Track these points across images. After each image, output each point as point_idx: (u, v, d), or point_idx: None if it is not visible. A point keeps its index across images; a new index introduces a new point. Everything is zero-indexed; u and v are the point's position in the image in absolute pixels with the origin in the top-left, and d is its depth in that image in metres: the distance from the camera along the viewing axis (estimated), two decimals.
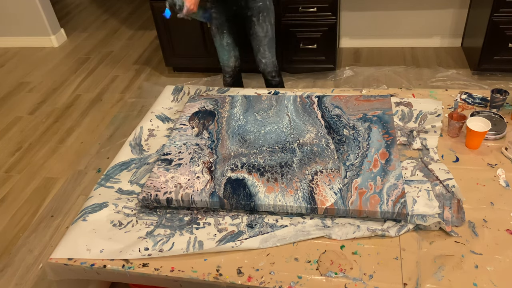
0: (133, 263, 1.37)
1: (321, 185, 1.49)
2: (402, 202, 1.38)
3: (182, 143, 1.76)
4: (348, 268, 1.28)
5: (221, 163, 1.63)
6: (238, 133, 1.79)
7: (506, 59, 2.73)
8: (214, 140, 1.77)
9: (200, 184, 1.55)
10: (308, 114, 1.85)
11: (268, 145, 1.70)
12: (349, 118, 1.79)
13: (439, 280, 1.22)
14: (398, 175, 1.49)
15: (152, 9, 2.99)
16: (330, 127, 1.76)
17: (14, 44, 4.12)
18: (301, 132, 1.75)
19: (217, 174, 1.59)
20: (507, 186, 1.49)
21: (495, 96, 1.79)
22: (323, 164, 1.58)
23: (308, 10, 2.80)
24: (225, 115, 1.91)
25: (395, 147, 1.61)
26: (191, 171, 1.62)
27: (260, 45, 2.28)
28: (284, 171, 1.56)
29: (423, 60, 3.17)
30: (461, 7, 3.08)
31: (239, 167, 1.60)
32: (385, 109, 1.82)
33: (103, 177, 1.71)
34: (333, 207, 1.40)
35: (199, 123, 1.88)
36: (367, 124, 1.75)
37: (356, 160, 1.58)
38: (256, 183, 1.53)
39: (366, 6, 3.20)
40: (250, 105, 1.96)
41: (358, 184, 1.47)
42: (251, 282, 1.27)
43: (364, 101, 1.89)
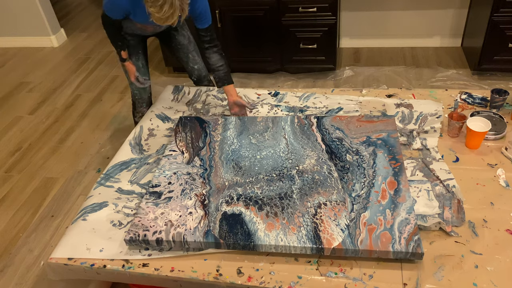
0: (133, 263, 1.37)
1: (326, 220, 1.36)
2: (416, 240, 1.26)
3: (172, 173, 1.61)
4: (348, 268, 1.28)
5: (215, 195, 1.49)
6: (232, 159, 1.64)
7: (506, 59, 2.73)
8: (206, 168, 1.62)
9: (193, 221, 1.41)
10: (307, 137, 1.71)
11: (265, 172, 1.56)
12: (351, 142, 1.66)
13: (439, 280, 1.22)
14: (409, 208, 1.36)
15: None
16: (331, 152, 1.62)
17: (14, 44, 4.12)
18: (300, 158, 1.61)
19: (211, 208, 1.44)
20: (507, 186, 1.49)
21: (495, 96, 1.79)
22: (326, 195, 1.44)
23: (308, 10, 2.80)
24: (218, 138, 1.76)
25: (404, 175, 1.48)
26: (183, 205, 1.47)
27: (188, 52, 2.18)
28: (284, 204, 1.43)
29: (423, 60, 3.17)
30: (461, 7, 3.08)
31: (235, 200, 1.46)
32: (390, 131, 1.69)
33: (103, 176, 1.71)
34: (341, 247, 1.27)
35: (189, 147, 1.74)
36: (371, 149, 1.61)
37: (363, 190, 1.44)
38: (254, 218, 1.39)
39: (366, 6, 3.20)
40: (245, 127, 1.81)
41: (367, 219, 1.34)
42: (251, 282, 1.27)
43: (367, 122, 1.75)
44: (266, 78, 3.18)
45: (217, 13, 2.89)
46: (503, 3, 2.54)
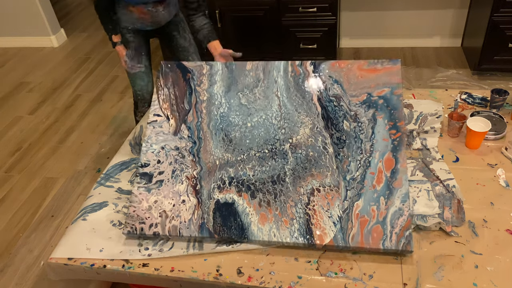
0: (133, 263, 1.37)
1: (318, 211, 1.36)
2: (407, 237, 1.27)
3: (159, 147, 1.56)
4: (348, 268, 1.28)
5: (206, 178, 1.47)
6: (222, 128, 1.56)
7: (506, 59, 2.73)
8: (195, 140, 1.56)
9: (187, 211, 1.41)
10: (301, 95, 1.57)
11: (256, 147, 1.51)
12: (350, 102, 1.53)
13: (439, 280, 1.22)
14: (404, 195, 1.34)
15: None
16: (328, 117, 1.52)
17: (14, 44, 4.12)
18: (294, 126, 1.53)
19: (203, 196, 1.44)
20: (507, 186, 1.49)
21: (495, 96, 1.79)
22: (320, 177, 1.42)
23: (308, 10, 2.80)
24: (204, 97, 1.63)
25: (403, 149, 1.42)
26: (175, 192, 1.46)
27: (188, 55, 2.22)
28: (277, 190, 1.42)
29: (423, 60, 3.17)
30: (461, 7, 3.08)
31: (227, 184, 1.45)
32: (394, 85, 1.52)
33: (103, 176, 1.71)
34: (333, 244, 1.31)
35: (174, 110, 1.63)
36: (371, 112, 1.50)
37: (358, 172, 1.41)
38: (247, 209, 1.40)
39: (366, 6, 3.20)
40: (233, 79, 1.65)
41: (360, 210, 1.34)
42: (251, 282, 1.27)
43: (369, 71, 1.57)
44: None
45: (217, 13, 2.89)
46: (503, 3, 2.54)
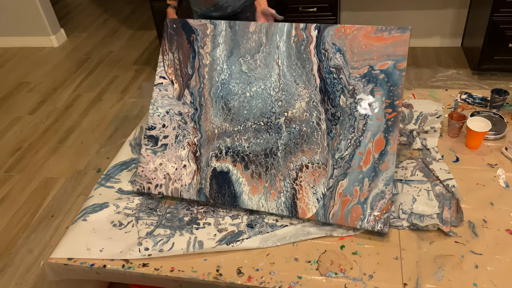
0: (133, 263, 1.37)
1: (304, 187, 1.46)
2: (384, 219, 1.33)
3: (165, 111, 1.68)
4: (348, 268, 1.28)
5: (206, 146, 1.60)
6: (222, 96, 1.62)
7: (506, 59, 2.73)
8: (197, 107, 1.64)
9: (187, 176, 1.57)
10: (302, 64, 1.55)
11: (253, 118, 1.57)
12: (350, 75, 1.48)
13: (439, 280, 1.22)
14: (388, 179, 1.36)
15: (152, 9, 2.98)
16: (325, 90, 1.50)
17: (14, 44, 4.12)
18: (291, 99, 1.54)
19: (202, 163, 1.58)
20: (507, 186, 1.50)
21: (495, 96, 1.79)
22: (310, 154, 1.48)
23: (308, 10, 2.80)
24: (207, 61, 1.65)
25: (396, 130, 1.39)
26: (178, 156, 1.61)
27: None
28: (269, 163, 1.52)
29: (423, 60, 3.17)
30: (461, 7, 3.08)
31: (224, 154, 1.58)
32: (398, 57, 1.44)
33: (103, 177, 1.71)
34: (314, 218, 1.42)
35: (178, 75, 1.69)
36: (370, 87, 1.45)
37: (347, 151, 1.43)
38: (240, 179, 1.53)
39: (366, 6, 3.20)
40: (236, 42, 1.65)
41: (343, 189, 1.41)
42: (251, 282, 1.27)
43: (375, 39, 1.48)
44: None
45: None
46: (503, 3, 2.54)
